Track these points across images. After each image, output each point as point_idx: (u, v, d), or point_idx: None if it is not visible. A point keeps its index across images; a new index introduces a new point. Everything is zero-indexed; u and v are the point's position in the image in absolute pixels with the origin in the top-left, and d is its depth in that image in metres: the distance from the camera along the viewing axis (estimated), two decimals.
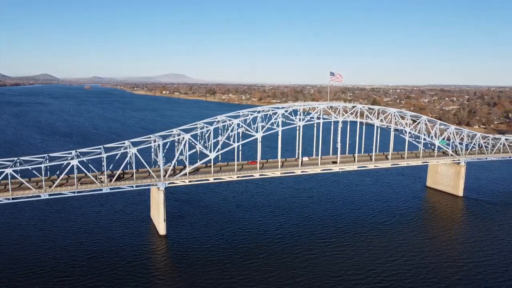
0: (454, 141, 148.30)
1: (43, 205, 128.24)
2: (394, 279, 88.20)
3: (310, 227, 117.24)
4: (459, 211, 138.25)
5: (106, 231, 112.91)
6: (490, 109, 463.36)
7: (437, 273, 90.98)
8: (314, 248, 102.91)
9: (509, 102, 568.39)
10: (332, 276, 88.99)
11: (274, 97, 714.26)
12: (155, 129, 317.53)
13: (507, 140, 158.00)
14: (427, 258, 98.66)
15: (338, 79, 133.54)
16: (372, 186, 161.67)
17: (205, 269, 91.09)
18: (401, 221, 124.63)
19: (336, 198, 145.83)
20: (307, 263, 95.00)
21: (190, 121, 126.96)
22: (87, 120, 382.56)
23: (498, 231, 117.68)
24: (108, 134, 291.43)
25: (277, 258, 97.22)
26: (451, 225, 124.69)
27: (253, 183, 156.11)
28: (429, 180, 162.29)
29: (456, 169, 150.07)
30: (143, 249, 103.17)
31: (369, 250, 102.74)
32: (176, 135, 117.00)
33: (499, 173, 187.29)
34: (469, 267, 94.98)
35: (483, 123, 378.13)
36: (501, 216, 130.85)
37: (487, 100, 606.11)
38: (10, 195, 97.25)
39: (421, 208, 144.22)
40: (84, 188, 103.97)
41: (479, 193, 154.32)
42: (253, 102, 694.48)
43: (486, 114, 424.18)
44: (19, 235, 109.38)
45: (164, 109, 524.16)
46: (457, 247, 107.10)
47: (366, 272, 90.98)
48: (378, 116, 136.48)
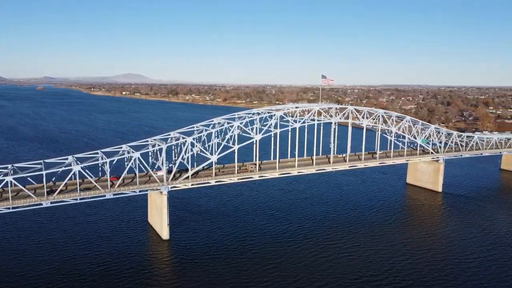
0: (433, 140, 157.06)
1: (33, 215, 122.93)
2: (380, 272, 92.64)
3: (304, 228, 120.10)
4: (440, 205, 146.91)
5: (105, 239, 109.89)
6: (446, 108, 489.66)
7: (421, 263, 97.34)
8: (313, 249, 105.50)
9: (461, 101, 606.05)
10: (332, 276, 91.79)
11: (238, 98, 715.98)
12: (129, 132, 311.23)
13: (480, 138, 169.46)
14: (412, 251, 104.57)
15: (329, 82, 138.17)
16: (356, 185, 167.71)
17: (211, 272, 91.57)
18: (387, 216, 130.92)
19: (326, 197, 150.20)
20: (315, 264, 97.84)
21: (162, 124, 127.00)
22: (52, 123, 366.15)
23: (476, 222, 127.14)
24: (79, 138, 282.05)
25: (277, 261, 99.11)
26: (434, 218, 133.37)
27: (250, 183, 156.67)
28: (409, 177, 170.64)
29: (435, 166, 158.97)
30: (149, 255, 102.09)
31: (355, 245, 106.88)
32: (175, 139, 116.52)
33: (470, 169, 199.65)
34: (451, 255, 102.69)
35: (442, 121, 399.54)
36: (478, 208, 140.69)
37: (440, 100, 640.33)
38: (11, 204, 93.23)
39: (404, 203, 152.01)
40: (88, 194, 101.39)
41: (456, 188, 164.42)
42: (218, 103, 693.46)
43: (443, 113, 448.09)
44: (14, 247, 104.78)
45: (131, 111, 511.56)
46: (441, 239, 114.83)
47: (353, 268, 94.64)
48: (366, 117, 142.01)
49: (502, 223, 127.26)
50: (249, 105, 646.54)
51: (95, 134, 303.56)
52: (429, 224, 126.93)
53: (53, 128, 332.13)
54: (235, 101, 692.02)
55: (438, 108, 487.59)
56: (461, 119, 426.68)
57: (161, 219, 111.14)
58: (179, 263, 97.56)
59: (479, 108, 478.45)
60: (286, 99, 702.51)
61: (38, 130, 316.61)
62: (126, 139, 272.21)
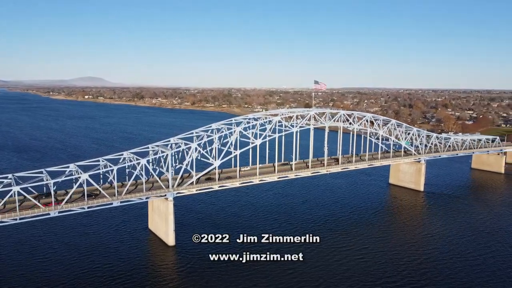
0: (415, 142, 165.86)
1: (26, 226, 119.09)
2: (366, 267, 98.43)
3: (306, 228, 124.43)
4: (423, 203, 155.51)
5: (106, 249, 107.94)
6: (410, 110, 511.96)
7: (405, 259, 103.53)
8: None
9: (422, 103, 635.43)
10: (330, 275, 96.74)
11: (207, 101, 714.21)
12: (105, 139, 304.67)
13: (455, 139, 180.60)
14: (397, 248, 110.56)
15: (322, 86, 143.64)
16: (341, 187, 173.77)
17: (221, 276, 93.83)
18: (373, 215, 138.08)
19: (320, 199, 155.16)
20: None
21: (138, 129, 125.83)
22: (18, 130, 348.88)
23: (457, 217, 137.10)
24: (54, 145, 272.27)
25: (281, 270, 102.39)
26: (419, 215, 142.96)
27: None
28: (392, 178, 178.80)
29: (417, 167, 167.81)
30: (157, 261, 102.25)
31: (342, 245, 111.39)
32: (175, 145, 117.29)
33: (446, 169, 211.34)
34: (434, 250, 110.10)
35: (409, 123, 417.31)
36: (457, 205, 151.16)
37: (402, 102, 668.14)
38: (18, 215, 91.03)
39: (389, 203, 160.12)
40: (95, 203, 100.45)
41: (435, 187, 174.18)
42: (187, 106, 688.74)
43: (408, 115, 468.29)
44: (15, 261, 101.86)
45: (100, 116, 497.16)
46: (425, 235, 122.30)
47: (339, 266, 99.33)
48: (355, 121, 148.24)
49: (478, 217, 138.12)
50: (218, 108, 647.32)
51: (69, 141, 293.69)
52: (416, 220, 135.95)
53: (22, 135, 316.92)
54: (204, 104, 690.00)
55: (402, 110, 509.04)
56: (425, 120, 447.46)
57: (166, 225, 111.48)
58: (189, 268, 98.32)
59: (440, 110, 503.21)
60: (254, 102, 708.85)
61: (6, 138, 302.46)
62: (104, 146, 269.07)
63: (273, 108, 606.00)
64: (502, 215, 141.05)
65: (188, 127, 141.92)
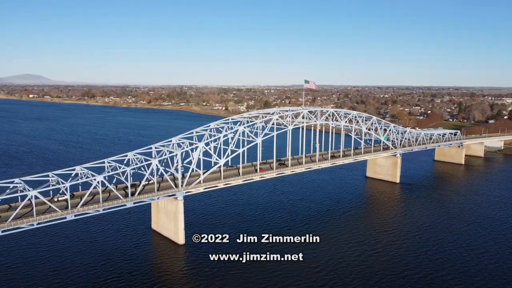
0: (392, 136, 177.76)
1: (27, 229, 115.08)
2: (348, 258, 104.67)
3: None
4: (400, 194, 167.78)
5: (114, 251, 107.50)
6: (364, 107, 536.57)
7: (386, 248, 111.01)
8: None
9: (373, 99, 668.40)
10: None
11: (163, 100, 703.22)
12: (74, 142, 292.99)
13: (425, 134, 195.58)
14: (378, 238, 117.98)
15: (311, 86, 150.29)
16: (320, 181, 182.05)
17: (234, 272, 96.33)
18: (354, 206, 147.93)
19: (307, 194, 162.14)
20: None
21: (108, 131, 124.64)
22: None
23: (432, 206, 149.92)
24: (22, 149, 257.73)
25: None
26: (396, 205, 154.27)
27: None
28: (369, 171, 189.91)
29: (393, 160, 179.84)
30: (168, 260, 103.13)
31: (325, 238, 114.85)
32: (177, 145, 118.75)
33: (414, 161, 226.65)
34: (411, 237, 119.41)
35: None
36: (431, 193, 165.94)
37: (353, 99, 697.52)
38: (36, 220, 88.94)
39: (368, 194, 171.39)
40: (110, 204, 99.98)
41: (409, 178, 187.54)
42: (143, 105, 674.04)
43: (363, 111, 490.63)
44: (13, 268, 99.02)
45: (57, 117, 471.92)
46: (404, 223, 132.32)
47: (320, 260, 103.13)
48: (342, 118, 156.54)
49: (449, 204, 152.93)
50: (176, 107, 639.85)
51: (39, 145, 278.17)
52: (392, 210, 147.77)
53: None
54: (160, 103, 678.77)
55: (357, 107, 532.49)
56: (380, 116, 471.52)
57: (175, 224, 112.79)
58: (203, 265, 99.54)
59: (393, 106, 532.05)
60: (211, 100, 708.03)
61: None
62: (80, 149, 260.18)
63: (231, 105, 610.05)
64: (468, 200, 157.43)
65: (164, 128, 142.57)
